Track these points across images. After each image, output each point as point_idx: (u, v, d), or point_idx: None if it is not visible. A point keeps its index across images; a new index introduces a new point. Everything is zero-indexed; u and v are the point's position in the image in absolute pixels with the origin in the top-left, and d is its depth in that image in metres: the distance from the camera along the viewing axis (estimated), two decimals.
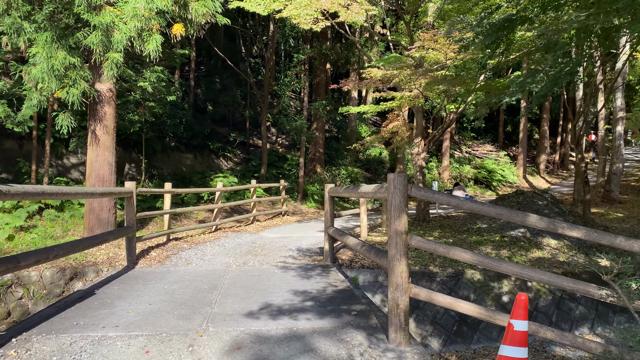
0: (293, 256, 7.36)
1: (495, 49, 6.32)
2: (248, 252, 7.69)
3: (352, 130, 20.29)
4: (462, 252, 3.18)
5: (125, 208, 6.57)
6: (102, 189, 5.28)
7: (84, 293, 4.79)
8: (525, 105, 23.16)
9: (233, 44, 21.53)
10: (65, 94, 7.51)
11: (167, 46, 10.82)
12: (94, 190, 5.03)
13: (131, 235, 6.49)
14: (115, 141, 8.66)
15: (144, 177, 13.37)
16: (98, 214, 8.40)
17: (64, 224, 9.56)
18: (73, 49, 7.60)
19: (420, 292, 3.28)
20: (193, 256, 7.20)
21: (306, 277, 5.67)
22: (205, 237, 9.32)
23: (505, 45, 6.50)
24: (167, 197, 8.38)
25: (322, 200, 16.35)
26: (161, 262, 6.70)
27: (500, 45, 6.48)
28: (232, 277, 5.68)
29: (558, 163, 25.96)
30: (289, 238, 9.52)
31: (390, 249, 3.29)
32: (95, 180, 8.42)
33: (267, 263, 6.69)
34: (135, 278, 5.62)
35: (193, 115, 17.99)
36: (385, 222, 10.20)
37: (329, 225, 6.75)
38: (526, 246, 8.78)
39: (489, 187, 21.14)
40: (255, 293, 4.81)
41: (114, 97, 8.57)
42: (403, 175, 3.27)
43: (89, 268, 6.59)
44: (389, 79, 7.74)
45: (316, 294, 4.74)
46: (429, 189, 3.30)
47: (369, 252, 4.07)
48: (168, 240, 8.41)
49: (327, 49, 15.34)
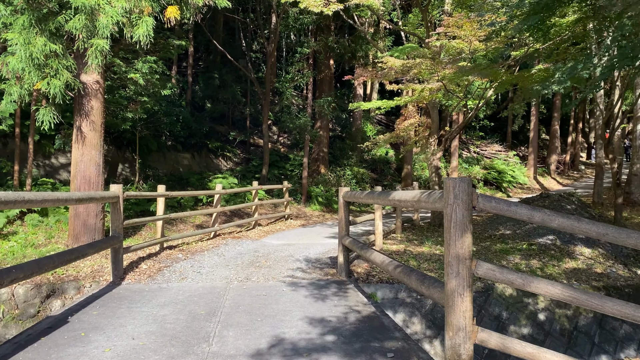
0: (301, 268, 6.52)
1: (535, 34, 5.50)
2: (250, 263, 6.85)
3: (358, 128, 19.45)
4: (547, 285, 2.34)
5: (110, 215, 5.72)
6: (80, 194, 4.44)
7: (54, 321, 3.95)
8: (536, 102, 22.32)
9: (232, 39, 20.68)
10: (45, 86, 6.65)
11: (162, 36, 9.98)
12: (69, 196, 4.18)
13: (117, 246, 5.64)
14: (103, 139, 7.81)
15: (137, 178, 12.51)
16: (84, 219, 7.55)
17: (48, 230, 8.71)
18: (54, 35, 6.75)
19: (490, 338, 2.44)
20: (189, 269, 6.36)
21: (321, 297, 4.82)
22: (203, 244, 8.47)
23: (545, 30, 5.68)
24: (161, 201, 7.53)
25: (327, 203, 15.50)
26: (152, 277, 5.85)
27: (540, 30, 5.64)
28: (233, 297, 4.83)
29: (569, 164, 25.14)
30: (295, 245, 8.68)
31: (450, 280, 2.45)
32: (81, 182, 7.57)
33: (273, 278, 5.85)
34: (119, 299, 4.77)
35: (191, 112, 17.14)
36: (399, 228, 9.36)
37: (344, 235, 5.91)
38: (557, 255, 7.95)
39: (499, 188, 20.32)
40: (263, 322, 3.97)
41: (102, 90, 7.71)
42: (467, 179, 2.43)
43: (69, 284, 5.74)
44: (409, 68, 6.92)
45: (337, 324, 3.90)
46: (503, 200, 2.46)
47: (408, 276, 3.22)
48: (161, 249, 7.56)
49: (334, 41, 14.47)
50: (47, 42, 6.52)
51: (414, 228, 10.33)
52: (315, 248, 8.34)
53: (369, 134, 21.26)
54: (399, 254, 7.63)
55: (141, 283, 5.55)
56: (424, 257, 7.44)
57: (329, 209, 15.31)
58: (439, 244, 8.62)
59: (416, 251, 7.88)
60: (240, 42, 20.02)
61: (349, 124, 20.57)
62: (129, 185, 12.13)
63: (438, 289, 2.69)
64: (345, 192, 5.79)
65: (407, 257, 7.44)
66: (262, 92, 15.42)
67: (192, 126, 15.74)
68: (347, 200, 5.85)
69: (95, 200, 4.97)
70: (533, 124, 22.15)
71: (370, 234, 10.23)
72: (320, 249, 8.29)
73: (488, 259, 7.60)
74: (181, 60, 19.89)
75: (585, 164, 27.29)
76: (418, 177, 19.59)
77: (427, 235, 9.35)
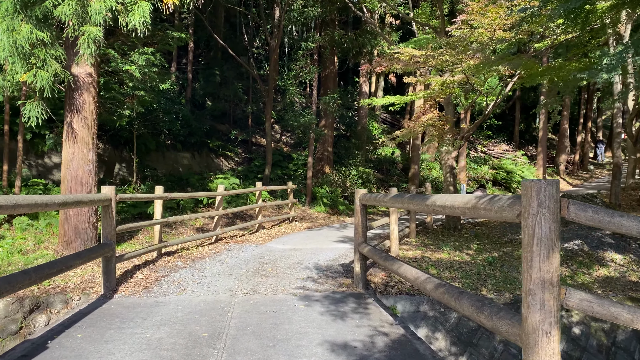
0: (312, 278, 5.93)
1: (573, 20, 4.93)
2: (256, 271, 6.27)
3: (363, 127, 18.85)
4: None
5: (102, 220, 5.14)
6: (63, 197, 3.86)
7: (31, 347, 3.37)
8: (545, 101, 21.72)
9: (234, 34, 20.08)
10: (31, 78, 6.07)
11: (160, 28, 9.39)
12: (49, 200, 3.60)
13: (109, 254, 5.06)
14: (96, 136, 7.22)
15: (135, 179, 11.93)
16: (76, 224, 6.97)
17: (38, 234, 8.13)
18: (42, 21, 6.17)
19: None
20: (188, 278, 5.78)
21: (339, 315, 4.24)
22: (204, 250, 7.89)
23: (584, 16, 5.11)
24: (158, 204, 6.94)
25: (333, 204, 14.91)
26: (148, 288, 5.27)
27: (578, 15, 5.06)
28: (239, 314, 4.25)
29: (578, 163, 24.54)
30: (302, 251, 8.10)
31: (531, 313, 1.86)
32: (72, 183, 6.99)
33: (282, 290, 5.27)
34: (110, 316, 4.19)
35: (191, 110, 16.55)
36: (413, 232, 8.78)
37: (361, 242, 5.33)
38: (586, 262, 7.37)
39: (508, 189, 19.73)
40: (276, 348, 3.39)
41: (95, 83, 7.13)
42: (555, 182, 1.85)
43: (56, 297, 5.15)
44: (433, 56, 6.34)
45: (363, 351, 3.31)
46: (603, 209, 1.87)
47: (457, 300, 2.63)
48: (159, 255, 6.98)
49: (340, 35, 13.86)
50: (33, 30, 5.94)
51: (428, 232, 9.75)
52: (324, 254, 7.77)
53: (374, 132, 20.66)
54: (416, 260, 7.05)
55: (135, 296, 4.97)
56: (444, 265, 6.87)
57: (334, 211, 14.73)
58: (457, 249, 8.05)
59: (434, 257, 7.30)
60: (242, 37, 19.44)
61: (353, 123, 19.98)
62: (126, 186, 11.55)
63: (507, 321, 2.11)
64: (363, 195, 5.21)
65: (425, 264, 6.86)
66: (265, 89, 14.83)
67: (192, 124, 15.15)
68: (364, 203, 5.27)
69: (83, 204, 4.38)
70: (542, 122, 21.53)
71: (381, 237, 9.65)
72: (329, 254, 7.72)
73: (513, 266, 7.03)
74: (181, 57, 19.31)
75: (593, 163, 26.71)
76: (425, 177, 19.00)
77: (443, 240, 8.77)
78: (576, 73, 5.78)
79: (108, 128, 11.64)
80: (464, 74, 6.46)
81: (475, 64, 6.12)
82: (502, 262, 7.19)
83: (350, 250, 8.10)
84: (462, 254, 7.66)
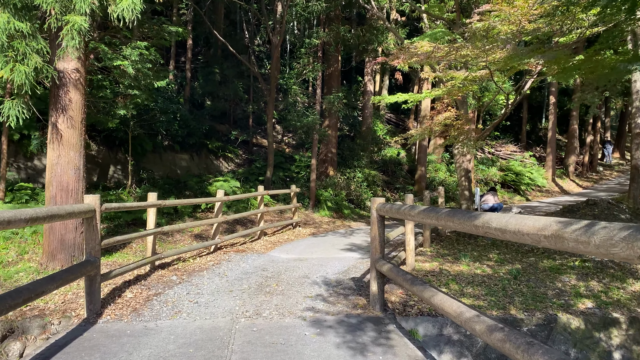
0: (322, 296, 5.33)
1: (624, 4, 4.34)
2: (259, 287, 5.66)
3: (368, 128, 18.22)
4: None
5: (85, 234, 4.53)
6: (32, 212, 3.25)
7: None
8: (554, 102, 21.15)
9: (234, 31, 19.46)
10: (8, 73, 5.46)
11: (155, 22, 8.78)
12: (14, 215, 3.00)
13: (93, 272, 4.45)
14: (84, 137, 6.61)
15: (130, 182, 11.32)
16: (61, 234, 6.36)
17: (23, 244, 7.51)
18: (20, 11, 5.56)
19: None
20: (184, 297, 5.17)
21: (358, 348, 3.62)
22: (202, 260, 7.28)
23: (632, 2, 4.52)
24: (152, 212, 6.33)
25: (337, 208, 14.29)
26: (137, 310, 4.66)
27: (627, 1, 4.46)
28: (241, 347, 3.64)
29: (587, 165, 23.91)
30: (308, 261, 7.50)
31: None
32: (57, 189, 6.38)
33: (289, 312, 4.65)
34: (90, 350, 3.58)
35: (189, 110, 15.93)
36: (428, 240, 8.16)
37: (378, 258, 4.72)
38: (619, 275, 6.75)
39: (517, 191, 19.11)
40: None
41: (83, 80, 6.52)
42: None
43: (33, 321, 4.54)
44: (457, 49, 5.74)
45: None
46: None
47: (527, 353, 2.02)
48: (152, 269, 6.37)
49: (346, 30, 13.24)
50: (11, 19, 5.33)
51: (442, 239, 9.13)
52: (332, 265, 7.16)
53: (379, 133, 20.05)
54: (434, 274, 6.44)
55: (123, 320, 4.35)
56: (465, 279, 6.25)
57: (339, 215, 14.11)
58: (477, 260, 7.43)
59: (454, 270, 6.69)
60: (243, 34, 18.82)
61: (358, 123, 19.36)
62: (121, 190, 10.93)
63: None
64: (381, 205, 4.59)
65: (445, 278, 6.25)
66: (267, 88, 14.21)
67: (190, 125, 14.53)
68: (382, 214, 4.66)
69: (60, 218, 3.77)
70: (551, 122, 20.93)
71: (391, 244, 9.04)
72: (338, 266, 7.11)
73: (540, 280, 6.41)
74: (179, 55, 18.70)
75: (602, 165, 26.09)
76: (432, 179, 18.38)
77: (459, 249, 8.15)
78: (626, 64, 5.21)
79: (101, 128, 11.04)
80: (488, 68, 5.86)
81: (502, 57, 5.51)
82: (527, 276, 6.58)
83: (360, 260, 7.49)
84: (483, 266, 7.05)
